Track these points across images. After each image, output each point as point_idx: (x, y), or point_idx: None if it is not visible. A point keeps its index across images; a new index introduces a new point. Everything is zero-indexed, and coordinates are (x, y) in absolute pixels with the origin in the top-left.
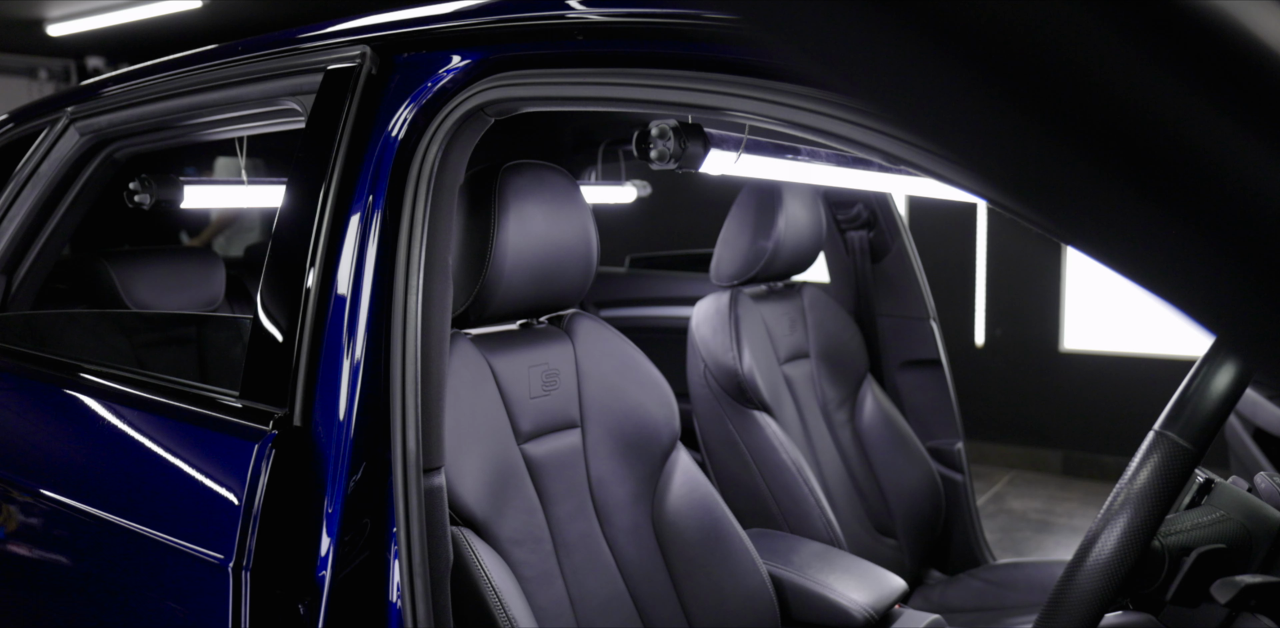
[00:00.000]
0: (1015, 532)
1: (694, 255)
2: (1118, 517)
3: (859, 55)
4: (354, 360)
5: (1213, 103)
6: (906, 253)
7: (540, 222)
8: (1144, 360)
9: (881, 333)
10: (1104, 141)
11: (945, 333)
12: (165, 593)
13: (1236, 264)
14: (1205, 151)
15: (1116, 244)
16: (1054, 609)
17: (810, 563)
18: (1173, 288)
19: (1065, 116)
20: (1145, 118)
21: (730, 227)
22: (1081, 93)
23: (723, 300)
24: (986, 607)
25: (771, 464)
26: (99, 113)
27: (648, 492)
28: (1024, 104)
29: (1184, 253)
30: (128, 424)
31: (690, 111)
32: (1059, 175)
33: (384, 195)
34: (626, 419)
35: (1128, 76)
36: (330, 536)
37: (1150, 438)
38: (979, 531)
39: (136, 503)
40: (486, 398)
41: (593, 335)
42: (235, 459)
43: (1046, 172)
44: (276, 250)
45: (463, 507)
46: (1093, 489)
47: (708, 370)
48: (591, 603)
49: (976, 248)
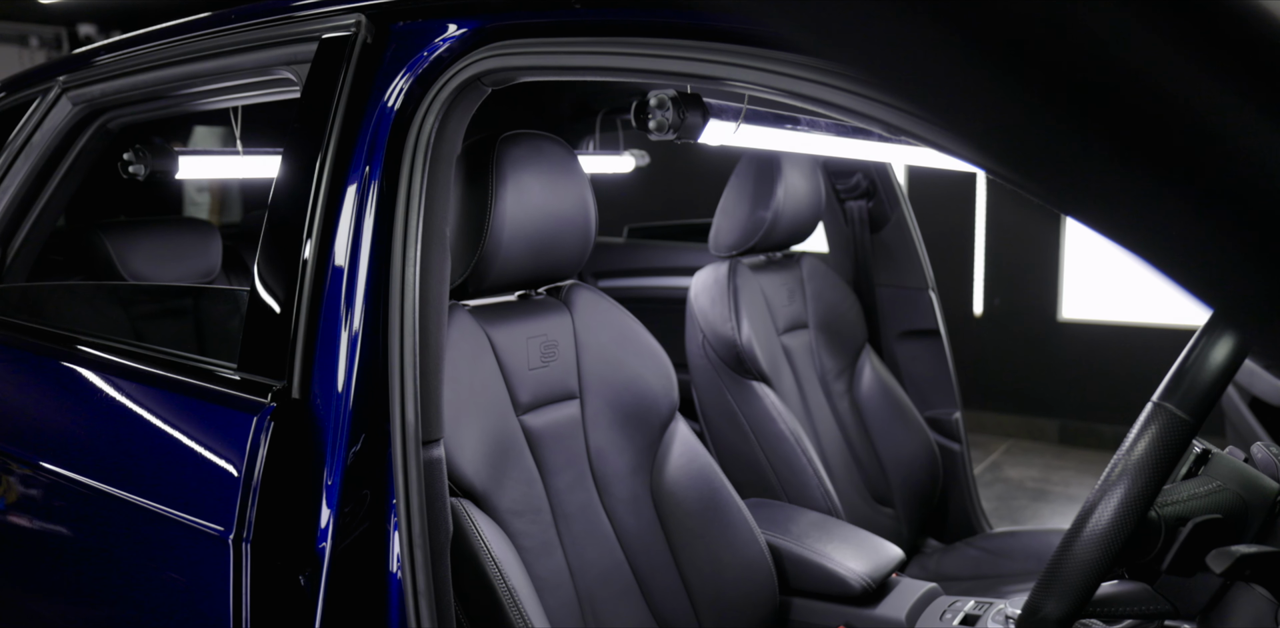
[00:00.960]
0: (1012, 500)
1: (693, 225)
2: (1115, 487)
3: (856, 25)
4: (352, 332)
5: (1210, 70)
6: (906, 223)
7: (538, 192)
8: (1142, 330)
9: (880, 303)
10: (1101, 110)
11: (944, 303)
12: (166, 565)
13: (1232, 236)
14: (1201, 122)
15: (1112, 214)
16: (1050, 578)
17: (808, 533)
18: (1168, 258)
19: (1063, 86)
20: (1141, 86)
21: (729, 197)
22: (1077, 60)
23: (721, 271)
24: (983, 575)
25: (770, 435)
26: (91, 82)
27: (646, 462)
28: (1021, 74)
29: (1179, 223)
30: (126, 397)
31: (689, 81)
32: (1057, 145)
33: (381, 166)
34: (625, 390)
35: (1123, 44)
36: (330, 507)
37: (1148, 409)
38: (976, 500)
39: (136, 476)
40: (485, 370)
41: (591, 306)
42: (234, 432)
43: (1045, 141)
44: (273, 221)
45: (462, 478)
46: (1089, 458)
47: (706, 341)
48: (591, 573)
49: (976, 218)
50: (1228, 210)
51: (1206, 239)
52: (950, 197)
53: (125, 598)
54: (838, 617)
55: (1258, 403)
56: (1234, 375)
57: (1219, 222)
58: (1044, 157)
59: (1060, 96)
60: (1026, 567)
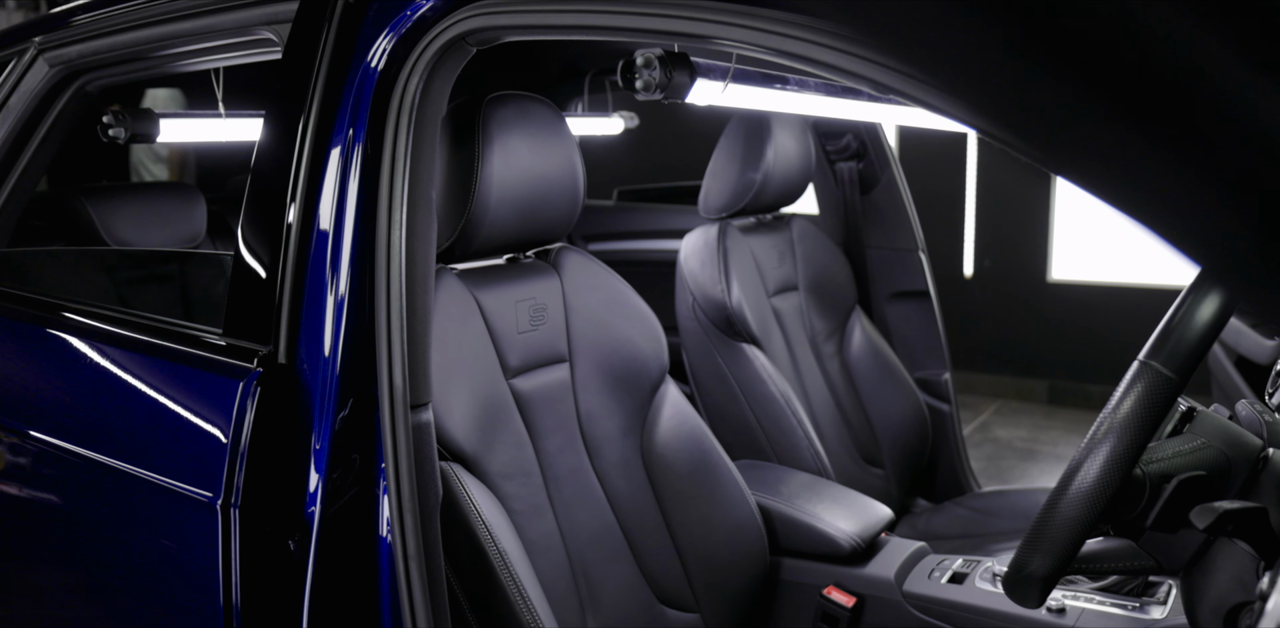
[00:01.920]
0: (1001, 460)
1: (682, 188)
2: (1101, 445)
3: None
4: (338, 296)
5: (1206, 25)
6: (896, 184)
7: (525, 154)
8: (1130, 290)
9: (870, 265)
10: (1092, 67)
11: (934, 264)
12: (154, 532)
13: (1222, 193)
14: (1194, 78)
15: (1103, 172)
16: (1036, 536)
17: (798, 493)
18: (1158, 216)
19: (1056, 42)
20: (1133, 42)
21: (718, 158)
22: (1071, 15)
23: (711, 233)
24: (971, 534)
25: (760, 396)
26: (68, 43)
27: (637, 425)
28: (1013, 30)
29: (1170, 181)
30: (111, 364)
31: (676, 40)
32: (1049, 103)
33: (364, 128)
34: (615, 353)
35: None
36: (319, 472)
37: (1134, 368)
38: (965, 459)
39: (123, 443)
40: (473, 333)
41: (580, 269)
42: (220, 397)
43: (1036, 99)
44: (256, 185)
45: (451, 442)
46: (1077, 418)
47: (696, 304)
48: (581, 536)
49: (966, 179)
50: (1218, 167)
51: (1196, 196)
52: (941, 158)
53: (114, 565)
54: (827, 576)
55: (1243, 362)
56: (1219, 334)
57: (1210, 179)
58: (1036, 115)
59: (1053, 53)
60: (1014, 525)
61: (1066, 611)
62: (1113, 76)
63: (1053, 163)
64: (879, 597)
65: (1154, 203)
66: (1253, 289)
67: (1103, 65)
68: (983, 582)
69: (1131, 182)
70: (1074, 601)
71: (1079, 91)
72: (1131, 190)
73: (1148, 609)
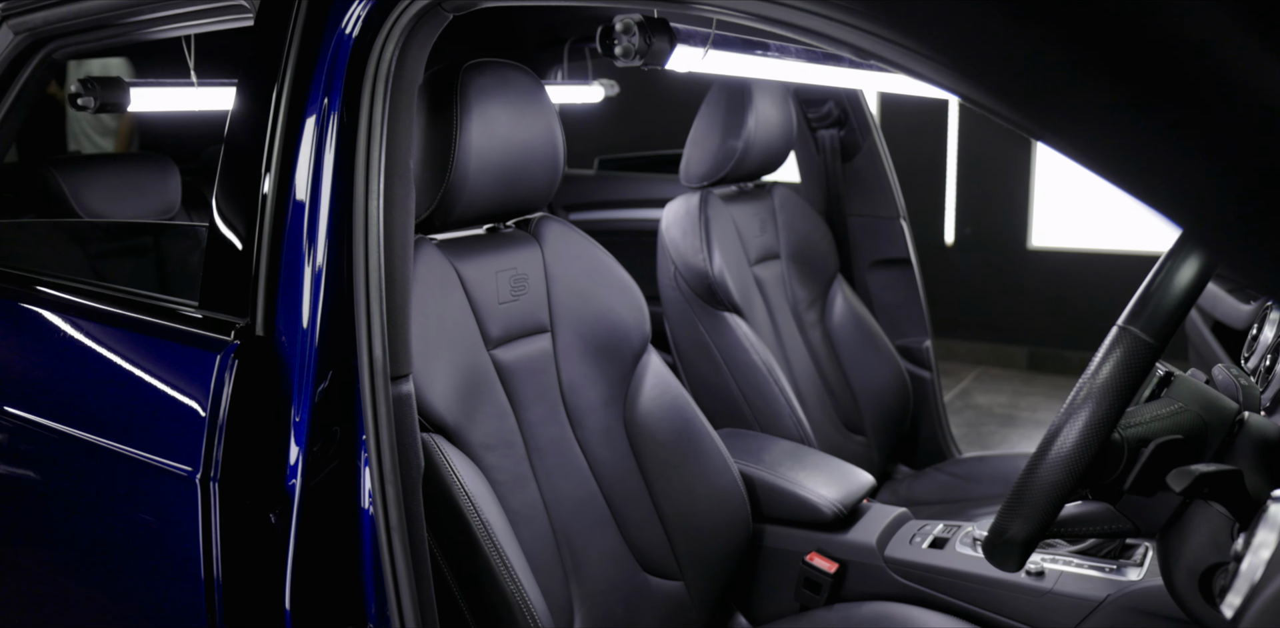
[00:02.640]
0: (981, 426)
1: (663, 156)
2: (1080, 411)
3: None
4: (315, 268)
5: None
6: (877, 151)
7: (504, 122)
8: (1109, 256)
9: (852, 232)
10: (1079, 28)
11: (914, 232)
12: (134, 506)
13: (1205, 155)
14: (1181, 40)
15: (1089, 136)
16: (1016, 501)
17: (781, 461)
18: (1141, 179)
19: (1038, 4)
20: (1121, 3)
21: (699, 126)
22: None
23: (693, 202)
24: (952, 499)
25: (742, 365)
26: (33, 9)
27: (619, 395)
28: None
29: (1154, 143)
30: (87, 337)
31: (655, 5)
32: (1034, 67)
33: (340, 96)
34: (597, 323)
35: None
36: (299, 444)
37: (1113, 333)
38: (946, 426)
39: (100, 418)
40: (454, 304)
41: (561, 239)
42: (198, 370)
43: (1021, 64)
44: (230, 155)
45: (433, 413)
46: (1057, 384)
47: (678, 273)
48: (565, 505)
49: (947, 146)
50: (1205, 131)
51: (1181, 159)
52: (922, 125)
53: (94, 540)
54: (810, 543)
55: (1220, 327)
56: (1197, 299)
57: (1195, 143)
58: (1026, 81)
59: (1038, 15)
60: (994, 491)
61: (1045, 574)
62: (1100, 39)
63: (1037, 128)
64: (861, 563)
65: (1137, 165)
66: (1232, 252)
67: (1090, 27)
68: (963, 547)
69: (1116, 144)
70: (1052, 564)
71: (1065, 54)
72: (1115, 153)
73: (1124, 571)
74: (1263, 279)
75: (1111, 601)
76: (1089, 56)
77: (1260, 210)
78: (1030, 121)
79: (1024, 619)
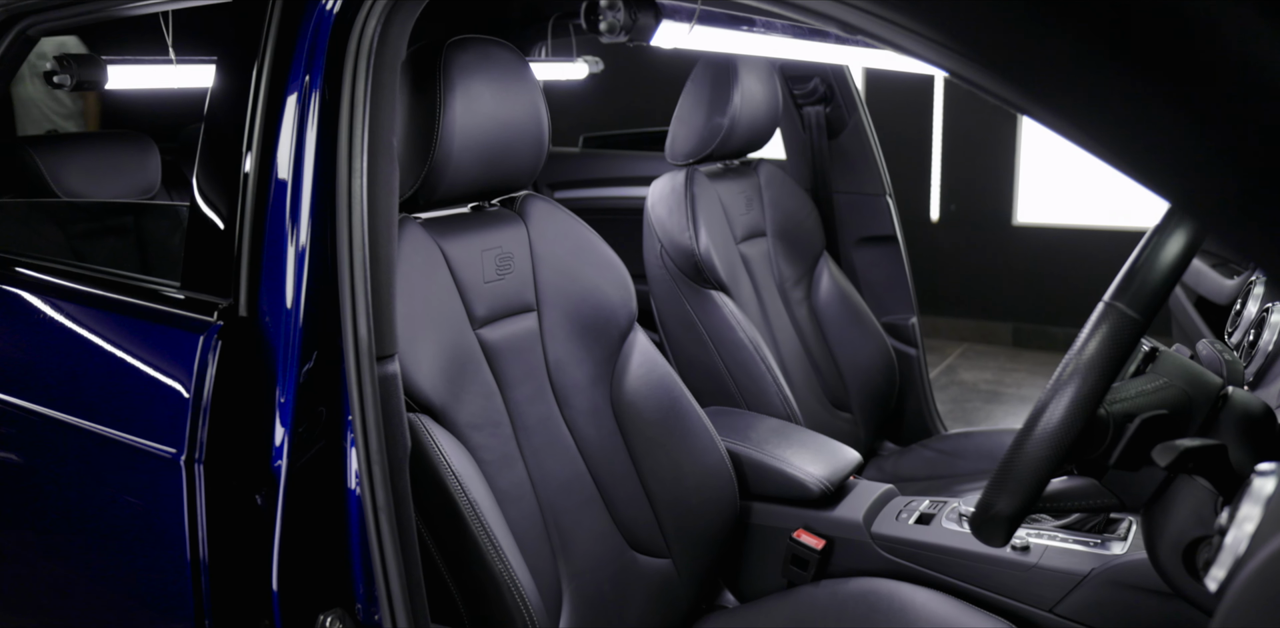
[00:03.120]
0: (966, 402)
1: (649, 134)
2: (1066, 387)
3: None
4: (299, 247)
5: None
6: (863, 128)
7: (489, 100)
8: (1094, 232)
9: (838, 210)
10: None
11: (900, 209)
12: (119, 489)
13: (1200, 127)
14: (1179, 9)
15: (1082, 109)
16: (1003, 477)
17: (767, 439)
18: (1133, 152)
19: None
20: None
21: (685, 103)
22: None
23: (678, 179)
24: (938, 475)
25: (729, 343)
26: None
27: (606, 374)
28: None
29: (1147, 115)
30: (68, 319)
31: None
32: (1026, 39)
33: (321, 74)
34: (583, 302)
35: None
36: (284, 426)
37: (1099, 309)
38: (931, 402)
39: (83, 400)
40: (439, 284)
41: (547, 217)
42: (181, 352)
43: (1014, 37)
44: (210, 134)
45: (419, 393)
46: (1041, 360)
47: (664, 251)
48: (552, 484)
49: (933, 123)
50: (1198, 99)
51: (1173, 130)
52: (907, 102)
53: (80, 523)
54: (797, 520)
55: (1203, 302)
56: (1182, 275)
57: (1188, 110)
58: (1019, 55)
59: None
60: (980, 466)
61: (1030, 548)
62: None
63: (1027, 101)
64: (848, 539)
65: (1129, 137)
66: (1229, 223)
67: None
68: (949, 522)
69: (1110, 116)
70: (1037, 538)
71: (1058, 25)
72: (1109, 126)
73: (1109, 545)
74: (1259, 251)
75: (1096, 574)
76: (1083, 27)
77: (1256, 181)
78: (1021, 94)
79: (1010, 594)
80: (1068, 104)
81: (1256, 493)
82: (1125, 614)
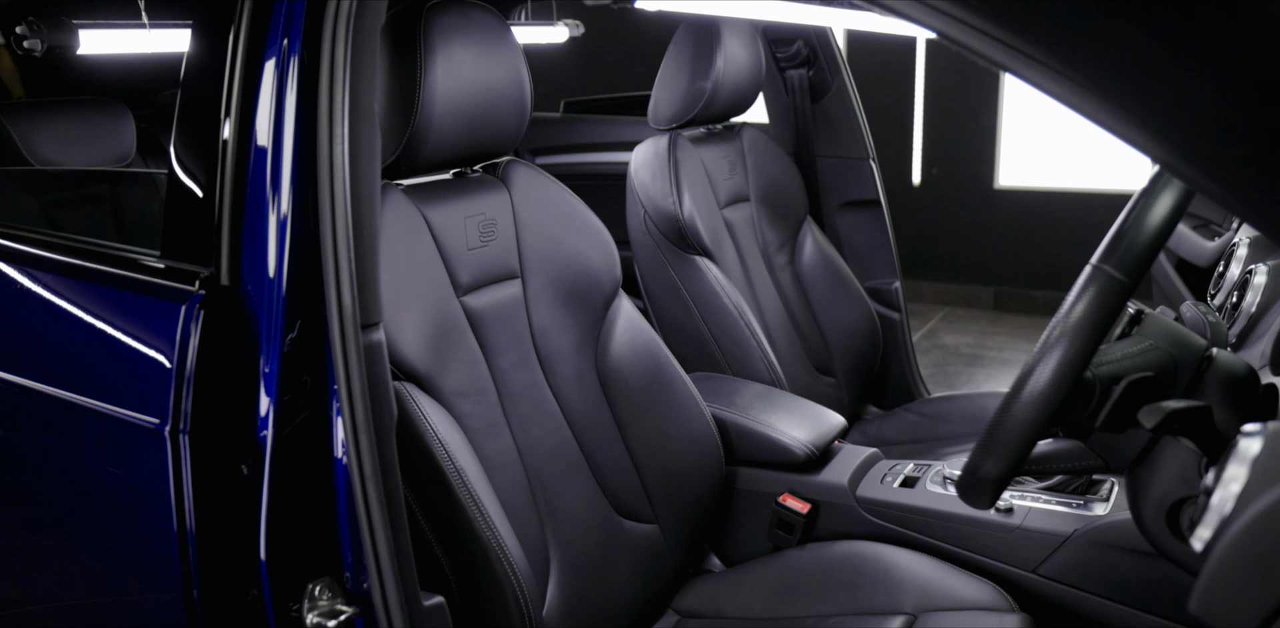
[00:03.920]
0: (947, 366)
1: (631, 98)
2: (1053, 349)
3: None
4: (280, 215)
5: None
6: (847, 91)
7: (470, 64)
8: (1073, 195)
9: (821, 174)
10: None
11: (882, 173)
12: (103, 460)
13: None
14: None
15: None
16: (989, 440)
17: (752, 404)
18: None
19: None
20: None
21: (667, 67)
22: None
23: (661, 144)
24: (921, 439)
25: (713, 308)
26: None
27: (591, 340)
28: None
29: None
30: (45, 290)
31: None
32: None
33: (300, 38)
34: (567, 268)
35: None
36: (269, 395)
37: (1087, 272)
38: (914, 367)
39: (63, 371)
40: (422, 251)
41: (529, 183)
42: (163, 322)
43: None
44: (187, 101)
45: (404, 361)
46: (1022, 323)
47: (647, 216)
48: (538, 452)
49: (915, 86)
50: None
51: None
52: (888, 65)
53: (64, 496)
54: (783, 484)
55: (1183, 264)
56: (1169, 237)
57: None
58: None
59: None
60: (962, 430)
61: (1014, 510)
62: None
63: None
64: (833, 503)
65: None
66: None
67: None
68: (933, 485)
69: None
70: (1020, 500)
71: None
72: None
73: (1091, 506)
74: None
75: (1078, 535)
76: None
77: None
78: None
79: (993, 555)
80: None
81: (1242, 454)
82: (1107, 574)
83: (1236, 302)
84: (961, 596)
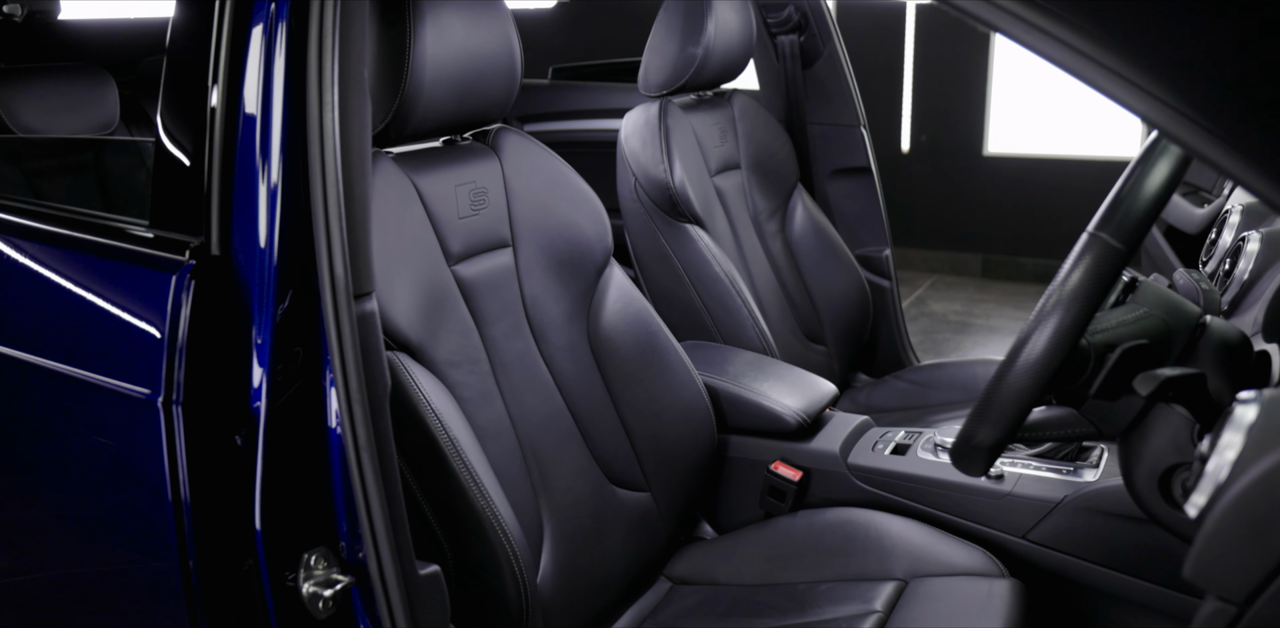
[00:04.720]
0: (936, 334)
1: (621, 65)
2: (1049, 318)
3: None
4: (270, 184)
5: None
6: (838, 57)
7: (459, 29)
8: (1062, 162)
9: (812, 141)
10: None
11: (872, 140)
12: (95, 431)
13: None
14: None
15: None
16: (984, 407)
17: (744, 372)
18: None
19: None
20: None
21: (658, 33)
22: None
23: (652, 112)
24: (911, 406)
25: (704, 277)
26: None
27: (582, 309)
28: None
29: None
30: (32, 261)
31: None
32: None
33: (288, 3)
34: (558, 237)
35: None
36: (262, 366)
37: (1083, 240)
38: (904, 334)
39: (54, 342)
40: (413, 219)
41: (520, 151)
42: (153, 292)
43: None
44: (173, 68)
45: (397, 331)
46: (1009, 291)
47: (638, 184)
48: (531, 421)
49: (904, 53)
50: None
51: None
52: (878, 30)
53: (56, 467)
54: (774, 452)
55: (1172, 231)
56: (1166, 205)
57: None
58: None
59: None
60: (951, 397)
61: (1005, 477)
62: None
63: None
64: (825, 470)
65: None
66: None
67: None
68: (924, 452)
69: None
70: (1011, 467)
71: None
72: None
73: (1081, 473)
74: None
75: (1068, 501)
76: None
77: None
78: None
79: (984, 521)
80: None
81: (1238, 421)
82: (1097, 539)
83: (1229, 269)
84: (952, 561)
